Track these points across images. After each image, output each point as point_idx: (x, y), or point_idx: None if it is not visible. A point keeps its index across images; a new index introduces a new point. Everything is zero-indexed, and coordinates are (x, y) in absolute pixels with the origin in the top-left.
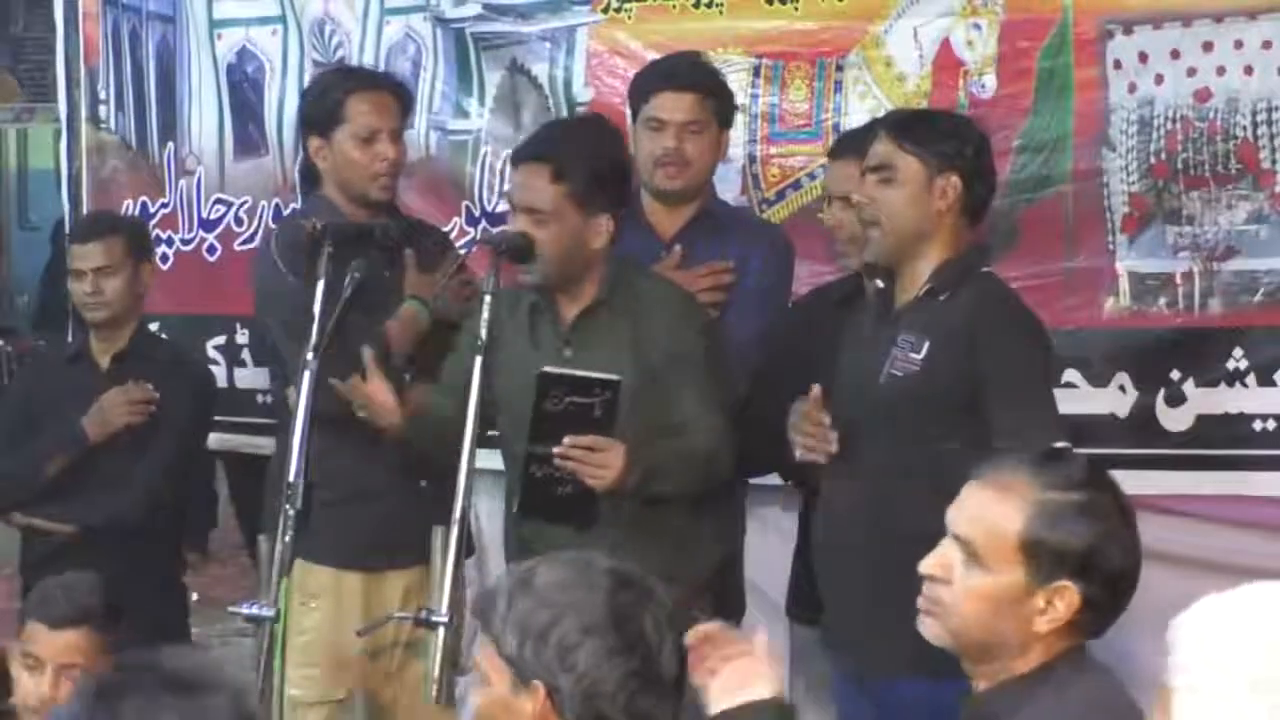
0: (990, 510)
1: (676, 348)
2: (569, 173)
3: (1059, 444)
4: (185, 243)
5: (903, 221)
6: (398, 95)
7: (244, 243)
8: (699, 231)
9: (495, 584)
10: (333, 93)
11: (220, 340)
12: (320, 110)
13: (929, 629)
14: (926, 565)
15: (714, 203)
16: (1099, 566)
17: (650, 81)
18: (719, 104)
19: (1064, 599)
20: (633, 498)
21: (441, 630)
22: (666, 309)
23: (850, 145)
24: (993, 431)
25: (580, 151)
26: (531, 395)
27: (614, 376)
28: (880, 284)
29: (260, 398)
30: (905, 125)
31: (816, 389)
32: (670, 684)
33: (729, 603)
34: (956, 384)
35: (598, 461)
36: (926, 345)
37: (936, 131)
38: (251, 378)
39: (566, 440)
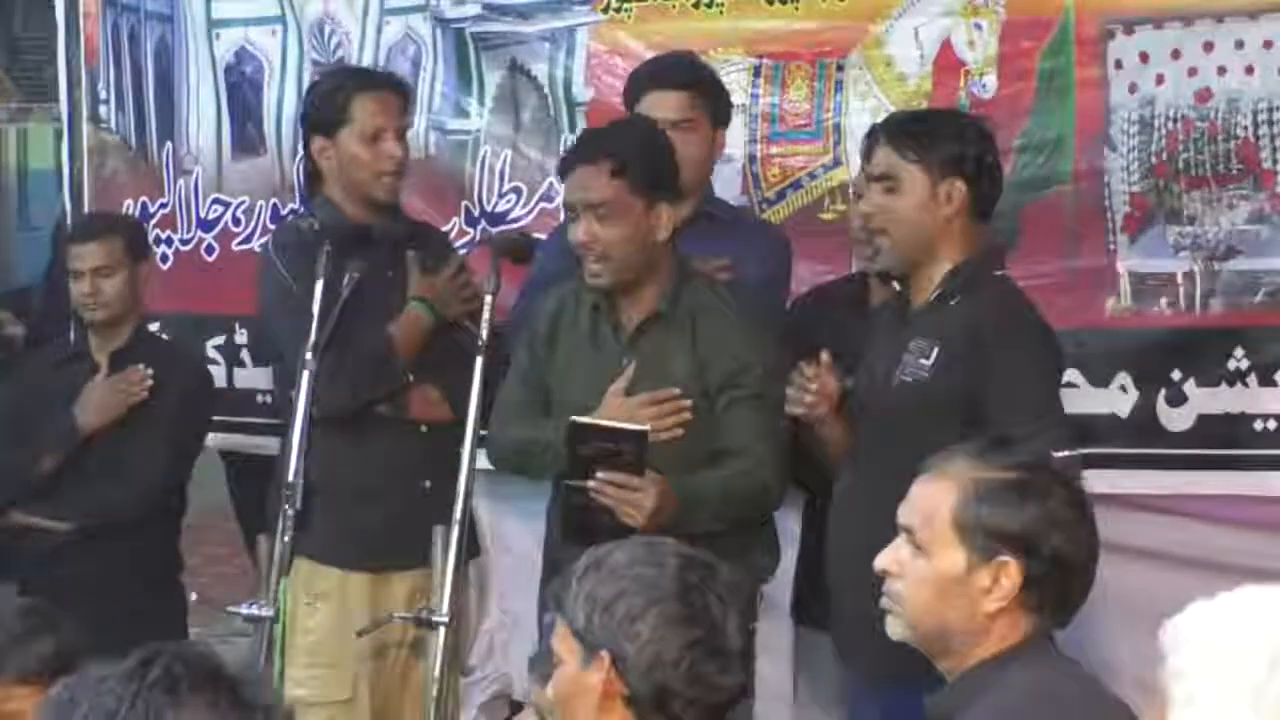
0: (927, 497)
1: (736, 362)
2: (627, 166)
3: (1065, 453)
4: (184, 243)
5: (910, 229)
6: (401, 94)
7: (242, 243)
8: (696, 230)
9: (570, 570)
10: (337, 93)
11: (219, 340)
12: (325, 111)
13: (892, 627)
14: (879, 562)
15: (710, 201)
16: (1040, 543)
17: (641, 81)
18: (711, 102)
19: (1008, 575)
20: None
21: (442, 630)
22: (729, 322)
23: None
24: None
25: (632, 145)
26: (587, 395)
27: (643, 427)
28: (897, 287)
29: (259, 398)
30: (906, 132)
31: (826, 356)
32: (735, 655)
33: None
34: (963, 391)
35: (630, 500)
36: (936, 351)
37: (938, 136)
38: (251, 377)
39: (600, 476)
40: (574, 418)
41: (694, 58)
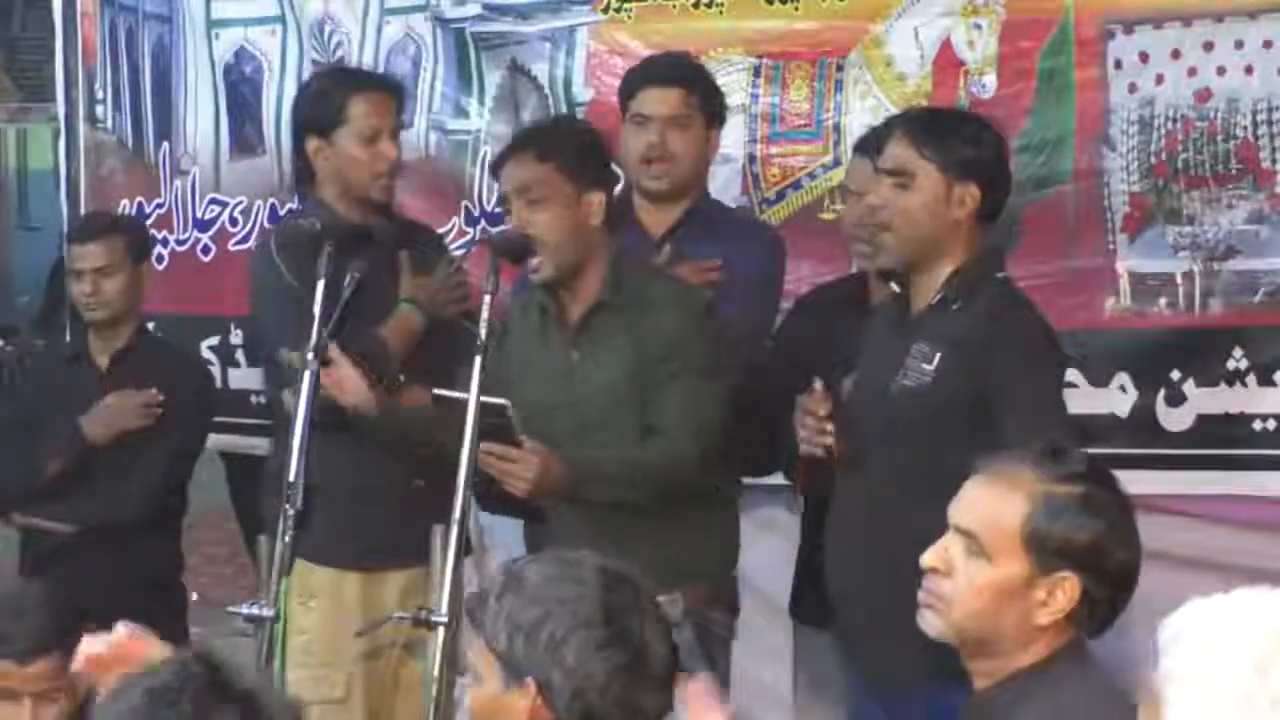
0: (993, 503)
1: (668, 341)
2: (553, 150)
3: None
4: (180, 243)
5: (918, 228)
6: (395, 94)
7: (238, 243)
8: (689, 230)
9: (487, 583)
10: (333, 94)
11: (214, 341)
12: (321, 111)
13: (929, 623)
14: (927, 559)
15: (705, 201)
16: (1101, 560)
17: (636, 78)
18: (704, 100)
19: (1065, 591)
20: (575, 501)
21: (441, 630)
22: (670, 305)
23: (873, 143)
24: (1003, 442)
25: (558, 134)
26: (539, 392)
27: (503, 401)
28: (896, 288)
29: (254, 398)
30: (924, 130)
31: (819, 385)
32: (661, 678)
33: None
34: (966, 395)
35: (510, 471)
36: (938, 356)
37: (956, 138)
38: (245, 378)
39: (482, 447)
40: (436, 390)
41: (689, 57)
